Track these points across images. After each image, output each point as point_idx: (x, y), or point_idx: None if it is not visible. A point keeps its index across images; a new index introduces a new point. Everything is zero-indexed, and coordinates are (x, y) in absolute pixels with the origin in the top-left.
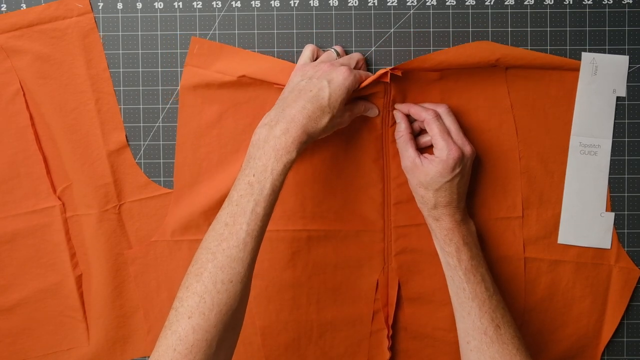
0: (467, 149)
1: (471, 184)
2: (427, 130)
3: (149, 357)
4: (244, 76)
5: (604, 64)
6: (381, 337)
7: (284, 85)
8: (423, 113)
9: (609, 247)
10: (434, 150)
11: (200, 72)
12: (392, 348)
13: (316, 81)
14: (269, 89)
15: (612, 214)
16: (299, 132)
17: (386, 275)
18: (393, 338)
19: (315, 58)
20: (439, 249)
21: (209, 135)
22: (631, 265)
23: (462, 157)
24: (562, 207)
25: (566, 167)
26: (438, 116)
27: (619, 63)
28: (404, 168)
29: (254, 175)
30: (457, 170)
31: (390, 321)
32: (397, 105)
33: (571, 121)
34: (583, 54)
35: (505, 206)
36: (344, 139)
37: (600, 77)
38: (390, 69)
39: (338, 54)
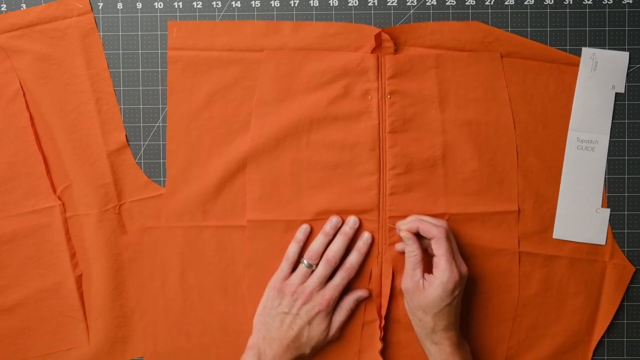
0: (464, 269)
1: (468, 176)
2: (434, 247)
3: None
4: (231, 49)
5: (603, 60)
6: (374, 328)
7: (272, 51)
8: (433, 230)
9: (604, 243)
10: (435, 270)
11: (185, 54)
12: (385, 339)
13: (297, 320)
14: (257, 68)
15: (608, 210)
16: None
17: (380, 265)
18: (386, 329)
19: (299, 252)
20: None
21: (199, 118)
22: (625, 262)
23: (461, 280)
24: (558, 202)
25: (563, 162)
26: (449, 234)
27: (619, 59)
28: (404, 288)
29: None
30: (456, 293)
31: (383, 312)
32: (404, 225)
33: (569, 116)
34: (583, 49)
35: (501, 200)
36: (340, 128)
37: (599, 72)
38: (381, 30)
39: (310, 266)
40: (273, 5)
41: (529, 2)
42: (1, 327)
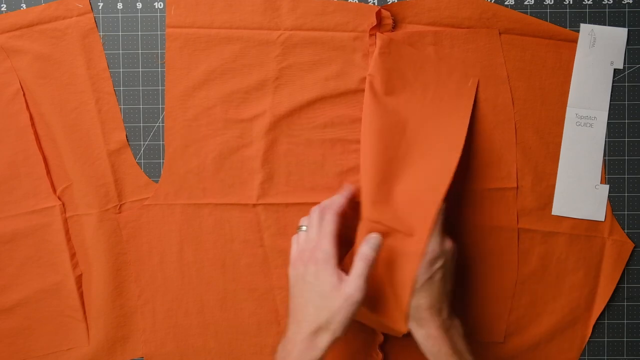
0: (447, 244)
1: (466, 154)
2: None
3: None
4: (230, 27)
5: (602, 36)
6: None
7: (267, 31)
8: None
9: (603, 219)
10: None
11: (184, 31)
12: None
13: (306, 286)
14: (254, 46)
15: (607, 187)
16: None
17: None
18: None
19: None
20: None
21: (197, 97)
22: (624, 238)
23: (441, 252)
24: (557, 178)
25: (562, 138)
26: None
27: (618, 35)
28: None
29: None
30: (437, 266)
31: None
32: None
33: (568, 92)
34: (582, 25)
35: (500, 177)
36: (337, 106)
37: (598, 48)
38: (381, 7)
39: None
40: None
41: (529, 2)
42: (1, 327)
